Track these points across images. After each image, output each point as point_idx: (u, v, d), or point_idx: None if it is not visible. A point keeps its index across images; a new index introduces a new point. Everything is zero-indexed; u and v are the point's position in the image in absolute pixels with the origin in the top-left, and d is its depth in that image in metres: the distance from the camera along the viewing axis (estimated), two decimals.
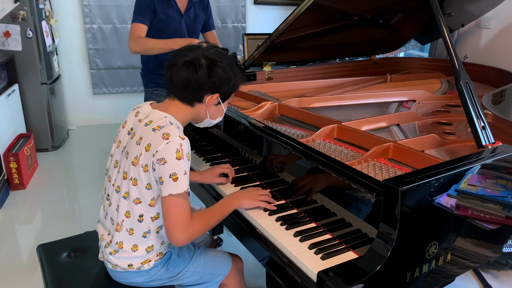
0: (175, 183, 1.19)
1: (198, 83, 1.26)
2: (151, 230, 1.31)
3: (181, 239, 1.23)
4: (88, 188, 3.26)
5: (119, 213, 1.30)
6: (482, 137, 1.35)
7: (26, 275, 2.24)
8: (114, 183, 1.33)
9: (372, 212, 1.17)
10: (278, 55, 2.30)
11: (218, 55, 1.29)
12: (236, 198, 1.40)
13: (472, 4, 2.39)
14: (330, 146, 1.55)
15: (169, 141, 1.19)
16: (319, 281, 1.10)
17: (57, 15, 4.22)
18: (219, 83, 1.28)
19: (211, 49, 1.31)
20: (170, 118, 1.28)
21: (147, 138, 1.23)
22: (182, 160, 1.19)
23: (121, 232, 1.30)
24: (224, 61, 1.29)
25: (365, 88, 2.36)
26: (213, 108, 1.35)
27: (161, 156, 1.19)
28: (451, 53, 1.51)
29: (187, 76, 1.26)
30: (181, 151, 1.19)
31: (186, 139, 1.23)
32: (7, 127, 3.28)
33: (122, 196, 1.29)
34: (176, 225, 1.21)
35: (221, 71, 1.27)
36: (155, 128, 1.24)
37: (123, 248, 1.31)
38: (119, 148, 1.36)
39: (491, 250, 1.40)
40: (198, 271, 1.44)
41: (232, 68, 1.31)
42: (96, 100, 4.68)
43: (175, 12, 2.38)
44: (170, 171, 1.18)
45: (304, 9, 1.87)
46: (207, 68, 1.26)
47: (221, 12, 4.81)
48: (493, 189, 1.31)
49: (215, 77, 1.27)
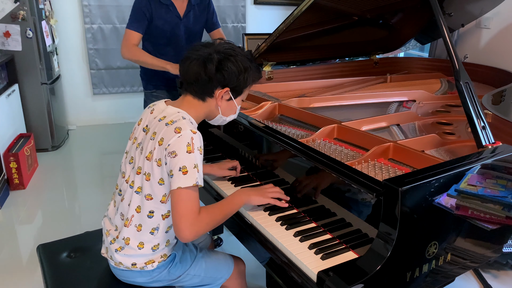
0: (184, 176, 1.19)
1: (207, 76, 1.28)
2: (159, 228, 1.32)
3: (188, 233, 1.22)
4: (88, 188, 3.26)
5: (130, 208, 1.31)
6: (482, 137, 1.34)
7: (26, 275, 2.24)
8: (128, 179, 1.34)
9: (372, 212, 1.17)
10: (278, 55, 2.30)
11: (230, 50, 1.31)
12: (245, 193, 1.39)
13: (472, 4, 2.39)
14: (330, 146, 1.55)
15: (180, 134, 1.21)
16: (319, 281, 1.10)
17: (57, 15, 4.22)
18: (228, 77, 1.29)
19: (224, 44, 1.33)
20: (183, 113, 1.30)
21: (160, 133, 1.26)
22: (193, 153, 1.20)
23: (129, 227, 1.31)
24: (236, 56, 1.30)
25: (365, 88, 2.36)
26: (225, 103, 1.36)
27: (172, 149, 1.20)
28: (451, 53, 1.51)
29: (197, 70, 1.28)
30: (192, 145, 1.21)
31: (198, 133, 1.24)
32: (7, 127, 3.28)
33: (135, 191, 1.30)
34: (184, 219, 1.21)
35: (231, 65, 1.28)
36: (168, 122, 1.26)
37: (129, 244, 1.32)
38: (134, 144, 1.37)
39: (491, 250, 1.40)
40: (199, 274, 1.44)
41: (243, 63, 1.31)
42: (96, 100, 4.68)
43: (174, 17, 2.35)
44: (180, 164, 1.19)
45: (304, 9, 1.87)
46: (217, 62, 1.27)
47: (221, 12, 4.81)
48: (493, 189, 1.31)
49: (224, 71, 1.28)
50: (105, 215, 1.46)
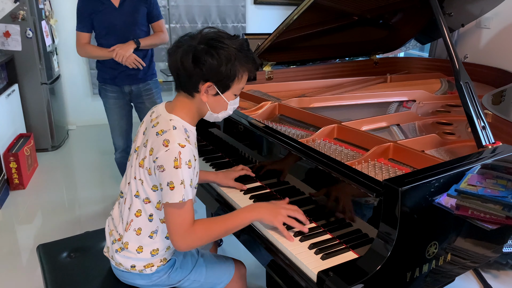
0: (171, 192, 1.17)
1: (186, 72, 1.20)
2: (158, 231, 1.31)
3: (180, 245, 1.22)
4: (88, 188, 3.26)
5: (130, 212, 1.30)
6: (482, 137, 1.34)
7: (26, 275, 2.24)
8: (130, 182, 1.33)
9: (372, 212, 1.17)
10: (278, 55, 2.30)
11: (214, 40, 1.20)
12: (256, 211, 1.28)
13: (472, 4, 2.39)
14: (330, 146, 1.55)
15: (168, 148, 1.17)
16: (319, 281, 1.10)
17: (57, 15, 4.22)
18: (207, 71, 1.19)
19: (210, 33, 1.22)
20: (175, 121, 1.24)
21: (150, 141, 1.23)
22: (180, 169, 1.16)
23: (128, 232, 1.31)
24: (219, 46, 1.19)
25: (365, 88, 2.36)
26: (212, 99, 1.26)
27: (160, 163, 1.18)
28: (451, 53, 1.51)
29: (175, 66, 1.21)
30: (179, 160, 1.16)
31: (187, 147, 1.18)
32: (7, 127, 3.28)
33: (134, 194, 1.30)
34: (174, 232, 1.21)
35: (208, 57, 1.17)
36: (159, 132, 1.22)
37: (128, 248, 1.32)
38: (134, 147, 1.36)
39: (491, 250, 1.40)
40: (198, 280, 1.43)
41: (227, 54, 1.19)
42: (96, 100, 4.67)
43: (108, 8, 2.43)
44: (168, 179, 1.17)
45: (304, 9, 1.87)
46: (193, 56, 1.18)
47: (221, 12, 4.81)
48: (493, 189, 1.31)
49: (202, 64, 1.18)
50: (110, 214, 1.46)
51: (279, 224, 1.27)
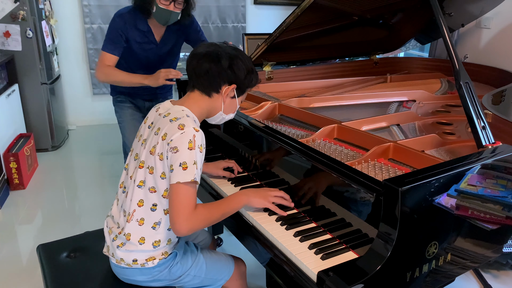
0: (184, 171, 1.22)
1: (218, 71, 1.32)
2: (161, 223, 1.33)
3: (183, 227, 1.24)
4: (88, 188, 3.26)
5: (132, 203, 1.32)
6: (482, 137, 1.34)
7: (26, 275, 2.24)
8: (132, 175, 1.36)
9: (372, 212, 1.17)
10: (278, 55, 2.30)
11: (237, 51, 1.38)
12: (245, 194, 1.40)
13: (472, 4, 2.39)
14: (330, 146, 1.55)
15: (183, 131, 1.24)
16: (319, 281, 1.10)
17: (57, 15, 4.22)
18: (238, 74, 1.35)
19: (229, 47, 1.39)
20: (187, 111, 1.33)
21: (164, 128, 1.28)
22: (194, 150, 1.23)
23: (131, 222, 1.32)
24: (243, 56, 1.37)
25: (365, 88, 2.36)
26: (228, 100, 1.40)
27: (174, 144, 1.23)
28: (451, 53, 1.51)
29: (209, 64, 1.32)
30: (193, 142, 1.23)
31: (201, 132, 1.27)
32: (7, 127, 3.28)
33: (137, 185, 1.32)
34: (180, 213, 1.23)
35: (241, 63, 1.35)
36: (172, 119, 1.29)
37: (130, 240, 1.32)
38: (139, 142, 1.39)
39: (491, 250, 1.40)
40: (199, 275, 1.45)
41: (250, 64, 1.39)
42: (96, 100, 4.68)
43: (150, 43, 2.29)
44: (181, 159, 1.22)
45: (304, 9, 1.87)
46: (229, 58, 1.33)
47: (221, 12, 4.81)
48: (493, 189, 1.31)
49: (236, 68, 1.33)
50: (108, 215, 1.47)
51: (269, 204, 1.39)
